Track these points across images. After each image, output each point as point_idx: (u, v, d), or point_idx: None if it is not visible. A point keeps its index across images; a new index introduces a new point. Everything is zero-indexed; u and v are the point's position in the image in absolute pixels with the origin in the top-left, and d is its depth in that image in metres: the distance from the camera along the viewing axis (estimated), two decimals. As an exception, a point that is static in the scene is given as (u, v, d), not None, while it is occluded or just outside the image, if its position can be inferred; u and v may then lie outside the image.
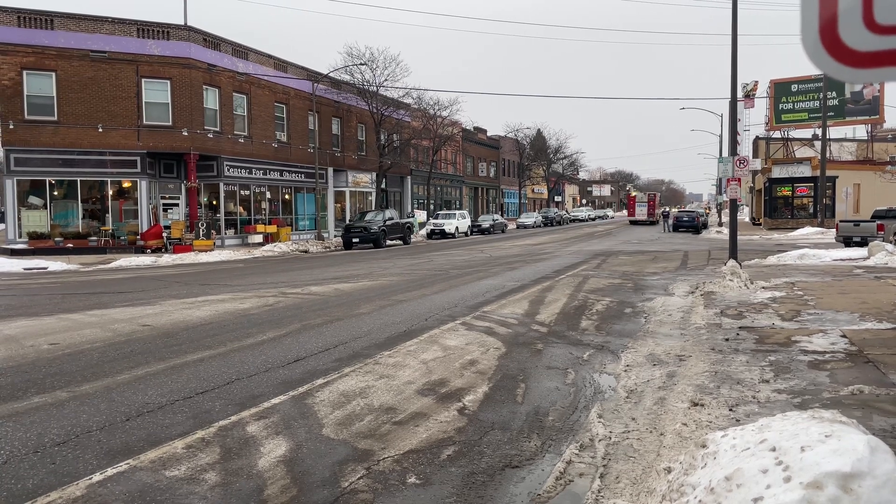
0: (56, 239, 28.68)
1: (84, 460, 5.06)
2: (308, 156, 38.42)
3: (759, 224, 52.79)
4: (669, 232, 48.39)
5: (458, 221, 46.31)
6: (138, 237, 29.60)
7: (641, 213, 47.50)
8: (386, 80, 42.64)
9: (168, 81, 30.13)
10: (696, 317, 10.96)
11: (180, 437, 5.53)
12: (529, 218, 63.63)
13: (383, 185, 46.43)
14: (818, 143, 49.11)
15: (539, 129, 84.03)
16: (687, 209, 64.39)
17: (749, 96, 55.02)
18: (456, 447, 5.33)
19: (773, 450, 3.03)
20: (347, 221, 38.56)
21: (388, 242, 35.48)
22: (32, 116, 28.22)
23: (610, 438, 5.45)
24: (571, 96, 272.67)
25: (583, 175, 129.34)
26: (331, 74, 39.29)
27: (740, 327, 9.64)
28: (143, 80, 29.73)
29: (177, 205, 32.00)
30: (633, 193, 59.74)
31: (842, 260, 19.50)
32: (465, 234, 47.63)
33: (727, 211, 25.30)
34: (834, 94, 52.17)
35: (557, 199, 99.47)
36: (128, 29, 29.60)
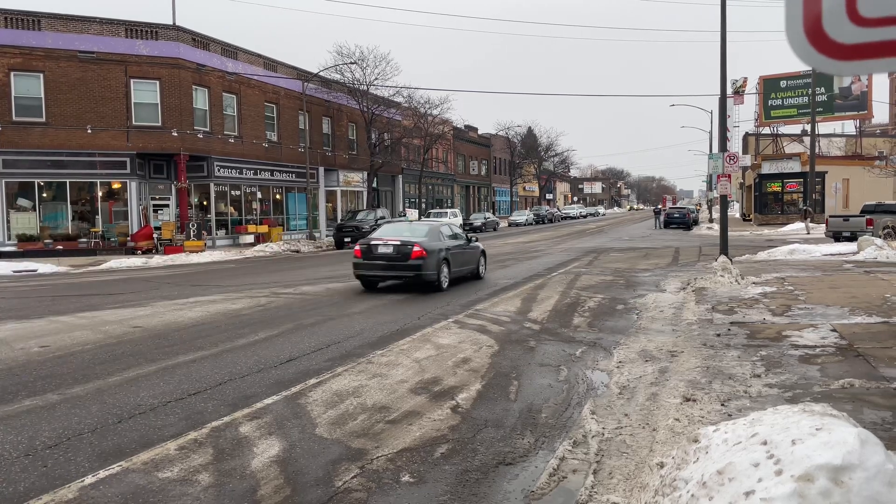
0: (45, 241, 28.49)
1: (76, 463, 5.03)
2: (299, 155, 38.31)
3: (750, 220, 53.03)
4: (661, 228, 48.56)
5: (449, 220, 46.28)
6: (129, 238, 29.43)
7: (669, 205, 70.29)
8: (376, 78, 42.58)
9: (157, 82, 29.96)
10: (688, 313, 11.00)
11: (173, 439, 5.51)
12: (521, 216, 63.68)
13: (374, 185, 46.35)
14: (807, 139, 49.38)
15: (530, 127, 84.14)
16: (678, 206, 64.71)
17: (738, 93, 55.26)
18: (449, 445, 5.33)
19: (765, 443, 3.05)
20: (339, 221, 38.46)
21: (380, 241, 35.35)
22: (20, 118, 28.00)
23: (603, 435, 5.47)
24: (562, 94, 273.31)
25: (574, 173, 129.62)
26: (321, 74, 39.17)
27: (731, 323, 9.68)
28: (131, 80, 29.54)
29: (167, 206, 31.84)
30: (665, 196, 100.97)
31: (832, 255, 19.61)
32: (457, 232, 47.54)
33: (718, 207, 25.40)
34: (822, 89, 52.48)
35: (549, 196, 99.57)
36: (116, 29, 29.42)
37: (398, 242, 14.92)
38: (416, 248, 14.63)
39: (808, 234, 34.28)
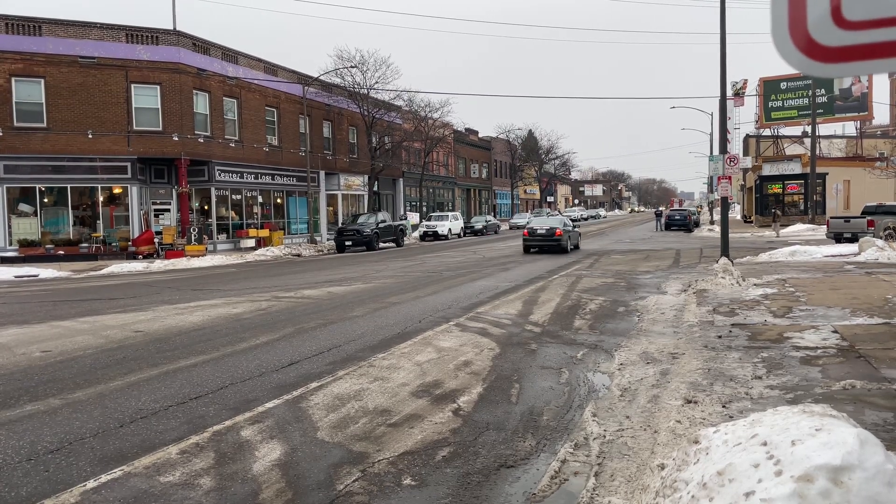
0: (47, 246, 28.53)
1: (78, 467, 5.04)
2: (299, 159, 38.37)
3: (751, 221, 53.04)
4: (662, 231, 48.55)
5: (450, 223, 46.32)
6: (130, 243, 29.48)
7: (675, 207, 75.84)
8: (377, 82, 42.67)
9: (158, 86, 30.03)
10: (689, 315, 11.00)
11: (174, 443, 5.52)
12: (522, 218, 63.48)
13: (375, 188, 46.40)
14: (808, 141, 49.39)
15: (530, 130, 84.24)
16: (678, 208, 64.57)
17: (739, 94, 55.28)
18: (451, 448, 5.33)
19: (765, 444, 3.05)
20: (340, 224, 38.50)
21: (381, 245, 35.45)
22: (22, 123, 28.07)
23: (604, 437, 5.47)
24: (562, 96, 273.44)
25: (574, 175, 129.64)
26: (321, 77, 39.25)
27: (733, 324, 9.68)
28: (132, 85, 29.62)
29: (168, 210, 31.90)
30: (673, 199, 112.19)
31: (833, 256, 19.60)
32: (458, 235, 47.67)
33: (718, 209, 25.39)
34: (823, 91, 52.49)
35: (550, 199, 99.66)
36: (117, 34, 29.50)
37: (548, 227, 27.27)
38: (558, 230, 26.86)
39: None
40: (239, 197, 35.08)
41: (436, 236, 44.21)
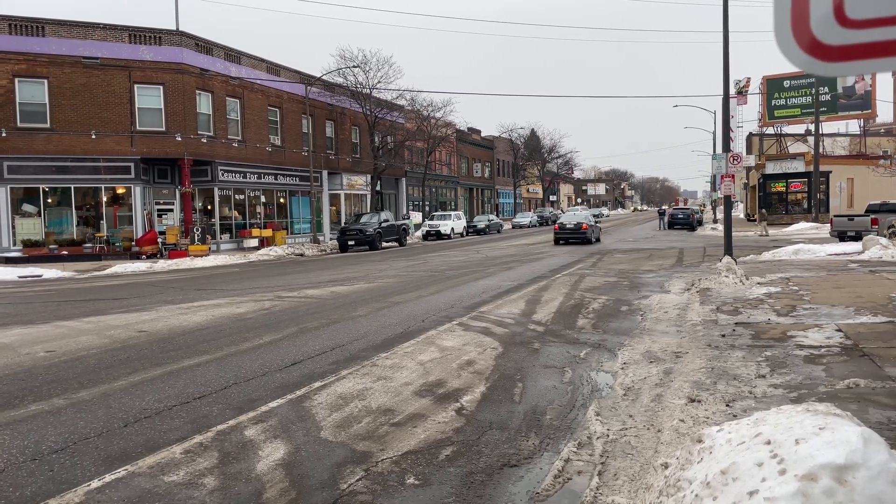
0: (50, 246, 28.59)
1: (82, 467, 5.05)
2: (302, 159, 38.39)
3: (754, 220, 52.94)
4: (665, 229, 48.48)
5: (453, 222, 46.32)
6: (133, 243, 29.52)
7: (679, 205, 79.55)
8: (379, 82, 42.69)
9: (161, 87, 30.07)
10: (692, 313, 10.98)
11: (178, 443, 5.53)
12: (525, 218, 63.66)
13: (378, 188, 46.41)
14: (811, 139, 49.27)
15: (533, 129, 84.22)
16: (681, 207, 64.48)
17: (742, 93, 55.17)
18: (454, 447, 5.34)
19: (768, 443, 3.05)
20: (343, 224, 38.51)
21: (384, 244, 35.46)
22: (25, 124, 28.13)
23: (608, 436, 5.47)
24: (565, 95, 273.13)
25: (577, 174, 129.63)
26: (324, 77, 39.26)
27: (736, 323, 9.66)
28: (135, 85, 29.66)
29: (171, 210, 31.94)
30: (678, 198, 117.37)
31: (836, 255, 19.56)
32: (461, 234, 47.66)
33: (722, 207, 25.38)
34: (826, 89, 52.33)
35: (552, 198, 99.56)
36: (120, 35, 29.54)
37: (576, 222, 32.60)
38: (584, 224, 32.17)
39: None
40: (242, 197, 35.11)
41: (438, 236, 44.21)
